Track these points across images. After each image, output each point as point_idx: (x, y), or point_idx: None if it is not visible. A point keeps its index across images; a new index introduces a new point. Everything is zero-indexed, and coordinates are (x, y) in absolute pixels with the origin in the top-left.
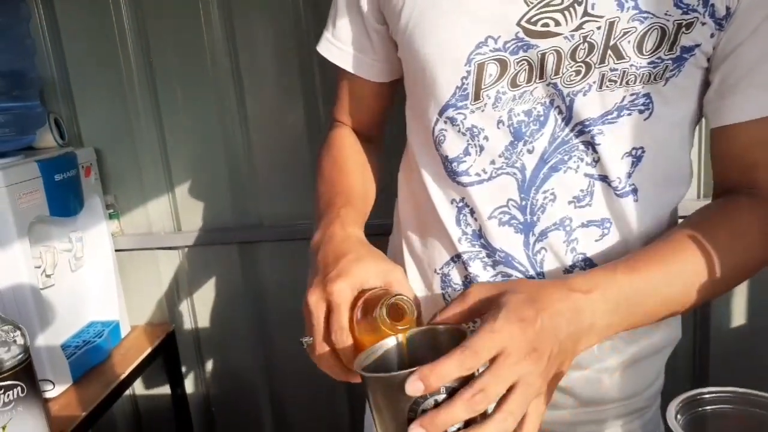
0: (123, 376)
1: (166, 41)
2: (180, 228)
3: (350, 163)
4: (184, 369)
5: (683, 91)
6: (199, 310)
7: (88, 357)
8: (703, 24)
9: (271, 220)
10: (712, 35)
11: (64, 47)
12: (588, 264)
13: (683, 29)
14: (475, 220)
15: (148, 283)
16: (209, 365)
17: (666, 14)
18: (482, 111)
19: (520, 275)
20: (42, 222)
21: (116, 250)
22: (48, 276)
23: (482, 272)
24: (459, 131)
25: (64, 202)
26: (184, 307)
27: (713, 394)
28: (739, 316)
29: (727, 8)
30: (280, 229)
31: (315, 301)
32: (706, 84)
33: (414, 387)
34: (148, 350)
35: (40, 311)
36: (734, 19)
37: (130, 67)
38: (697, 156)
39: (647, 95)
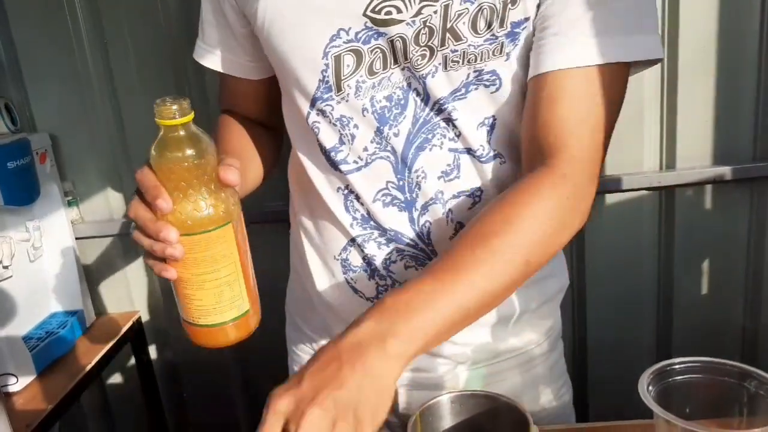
0: (89, 366)
1: (121, 21)
2: None
3: (227, 132)
4: (153, 356)
5: (526, 60)
6: (165, 295)
7: (51, 348)
8: None
9: None
10: (538, 5)
11: (12, 28)
12: None
13: (509, 5)
14: (362, 204)
15: (112, 271)
16: (178, 351)
17: None
18: (347, 101)
19: (411, 249)
20: None
21: (77, 238)
22: (5, 267)
23: (378, 251)
24: (330, 122)
25: (19, 190)
26: (150, 293)
27: (683, 365)
28: (704, 286)
29: None
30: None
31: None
32: None
33: None
34: (115, 339)
35: None
36: None
37: (84, 48)
38: (659, 130)
39: (493, 71)
